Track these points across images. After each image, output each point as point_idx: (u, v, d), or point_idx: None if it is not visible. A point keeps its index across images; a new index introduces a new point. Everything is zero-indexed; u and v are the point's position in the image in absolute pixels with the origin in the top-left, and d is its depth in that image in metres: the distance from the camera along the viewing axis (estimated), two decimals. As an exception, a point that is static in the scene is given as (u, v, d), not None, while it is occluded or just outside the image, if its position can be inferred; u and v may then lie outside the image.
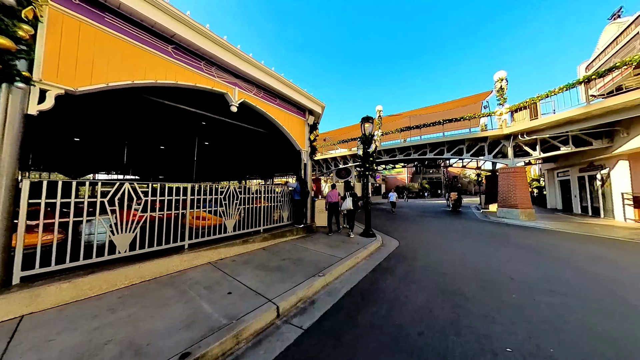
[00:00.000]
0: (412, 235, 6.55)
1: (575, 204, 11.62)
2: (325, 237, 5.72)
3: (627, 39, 8.86)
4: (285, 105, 5.80)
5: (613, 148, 8.00)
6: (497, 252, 4.59)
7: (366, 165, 6.01)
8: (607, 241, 5.53)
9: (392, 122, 14.36)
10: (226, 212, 4.13)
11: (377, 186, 33.84)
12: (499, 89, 9.49)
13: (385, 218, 10.70)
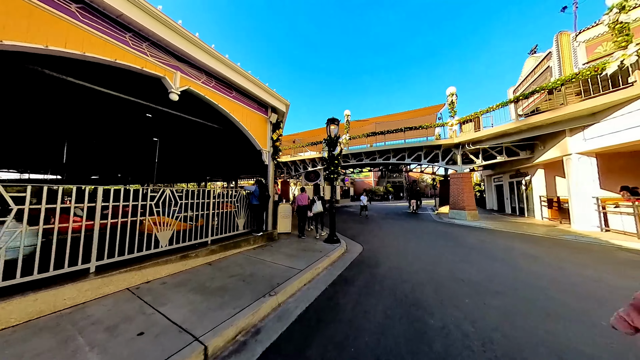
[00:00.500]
0: (375, 239, 6.58)
1: (507, 205, 13.65)
2: (287, 245, 5.27)
3: (541, 70, 10.83)
4: (243, 100, 5.21)
5: (533, 159, 9.59)
6: (448, 253, 4.83)
7: (331, 168, 5.81)
8: (532, 238, 6.43)
9: (359, 127, 14.79)
10: (159, 221, 3.35)
11: (346, 189, 34.71)
12: (450, 102, 10.56)
13: (352, 221, 10.76)
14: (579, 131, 7.09)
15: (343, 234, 7.39)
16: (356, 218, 12.10)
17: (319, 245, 5.33)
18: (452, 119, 10.40)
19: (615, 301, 2.59)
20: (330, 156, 5.86)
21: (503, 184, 14.12)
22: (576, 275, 3.49)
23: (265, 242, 5.28)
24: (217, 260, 3.98)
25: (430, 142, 11.18)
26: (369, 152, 13.53)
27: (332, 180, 5.92)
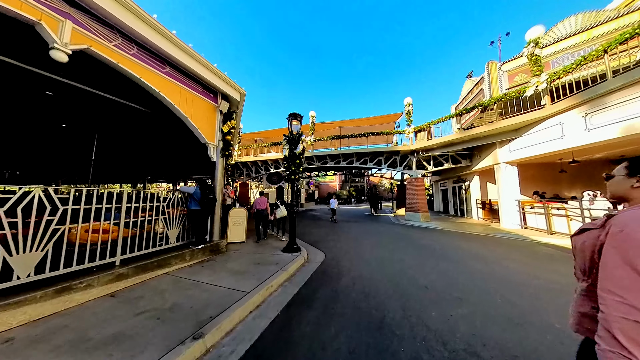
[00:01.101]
0: (338, 244, 6.24)
1: (450, 207, 15.47)
2: (236, 258, 4.40)
3: (476, 92, 12.73)
4: (183, 80, 4.19)
5: (472, 166, 11.03)
6: (409, 257, 4.81)
7: (292, 168, 5.23)
8: (474, 237, 7.15)
9: (324, 130, 14.68)
10: (16, 240, 2.16)
11: (310, 192, 34.44)
12: (407, 112, 11.36)
13: (316, 226, 10.32)
14: (506, 144, 8.36)
15: (305, 239, 6.85)
16: (320, 222, 11.74)
17: (276, 256, 4.64)
18: (409, 127, 11.16)
19: (555, 298, 2.76)
20: (292, 155, 5.28)
21: (447, 188, 15.99)
22: (518, 273, 3.77)
23: (208, 256, 4.30)
24: (127, 288, 2.89)
25: (390, 148, 11.77)
26: (334, 155, 13.48)
27: (294, 181, 5.34)
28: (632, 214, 0.77)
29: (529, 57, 7.07)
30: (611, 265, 0.75)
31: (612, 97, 5.00)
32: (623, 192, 0.89)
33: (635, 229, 0.73)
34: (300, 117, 5.31)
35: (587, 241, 0.86)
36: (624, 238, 0.74)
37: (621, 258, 0.73)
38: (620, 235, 0.75)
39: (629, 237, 0.73)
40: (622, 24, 7.98)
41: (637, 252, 0.70)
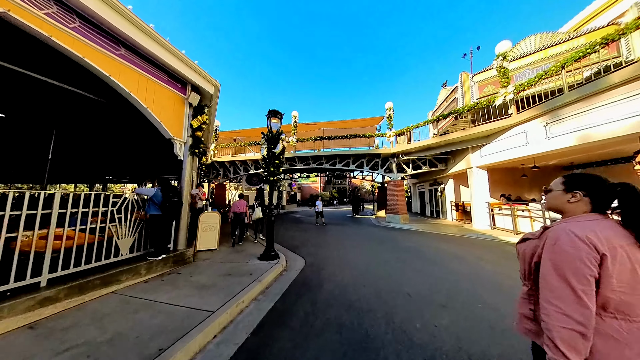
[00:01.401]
0: (320, 249, 6.00)
1: (427, 209, 16.17)
2: (204, 269, 3.92)
3: (451, 100, 13.51)
4: (143, 65, 3.65)
5: (447, 170, 11.61)
6: (392, 260, 4.74)
7: (271, 169, 4.88)
8: (451, 238, 7.42)
9: (307, 131, 14.43)
10: None
11: (292, 194, 33.86)
12: (388, 116, 11.62)
13: (297, 229, 9.98)
14: (477, 149, 8.89)
15: (285, 244, 6.49)
16: (301, 225, 11.40)
17: (251, 264, 4.24)
18: (390, 130, 11.41)
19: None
20: (271, 155, 4.93)
21: (425, 191, 16.72)
22: (494, 274, 3.86)
23: (170, 267, 3.75)
24: (56, 315, 2.32)
25: (372, 150, 11.91)
26: (316, 157, 13.28)
27: (273, 182, 4.99)
28: (564, 227, 0.83)
29: (497, 69, 7.60)
30: (548, 276, 0.80)
31: (568, 109, 5.51)
32: (560, 205, 0.95)
33: (567, 242, 0.78)
34: (281, 115, 5.00)
35: (527, 249, 0.93)
36: (557, 250, 0.79)
37: (555, 270, 0.78)
38: (554, 247, 0.81)
39: (561, 249, 0.78)
40: (572, 46, 8.98)
41: (567, 265, 0.76)
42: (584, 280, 0.74)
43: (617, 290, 0.75)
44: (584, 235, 0.78)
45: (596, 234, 0.78)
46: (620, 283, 0.75)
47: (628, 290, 0.75)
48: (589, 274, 0.74)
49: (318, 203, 11.46)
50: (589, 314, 0.72)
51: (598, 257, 0.76)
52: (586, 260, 0.75)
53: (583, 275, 0.74)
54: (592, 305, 0.73)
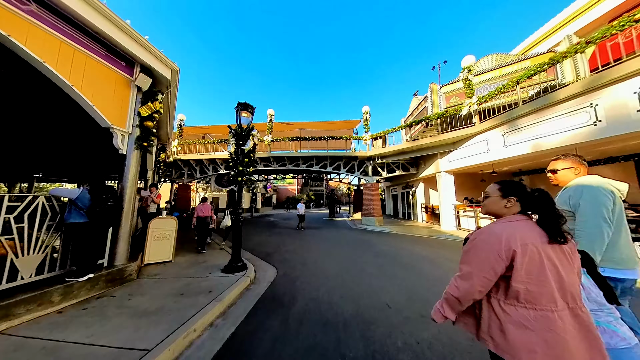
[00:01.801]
0: (294, 256, 5.57)
1: (400, 211, 16.87)
2: (150, 288, 3.21)
3: (421, 109, 14.37)
4: (70, 32, 2.85)
5: (418, 174, 12.21)
6: (368, 266, 4.57)
7: (240, 168, 4.33)
8: (422, 240, 7.66)
9: (283, 130, 13.88)
10: None
11: (268, 197, 32.59)
12: (365, 119, 11.78)
13: (270, 234, 9.35)
14: (445, 155, 9.45)
15: (256, 252, 5.91)
16: (276, 230, 10.78)
17: (213, 279, 3.63)
18: (367, 134, 11.56)
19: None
20: (239, 152, 4.38)
21: (397, 193, 17.44)
22: (465, 275, 3.92)
23: (101, 289, 2.96)
24: None
25: (350, 153, 11.92)
26: (293, 158, 12.81)
27: (241, 183, 4.44)
28: (489, 225, 0.98)
29: (463, 81, 8.20)
30: (462, 260, 0.99)
31: (523, 120, 6.10)
32: (498, 210, 1.04)
33: (482, 239, 0.94)
34: (252, 109, 4.50)
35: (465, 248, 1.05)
36: (475, 244, 0.95)
37: (467, 257, 0.97)
38: (474, 241, 0.96)
39: (476, 244, 0.94)
40: (520, 67, 10.21)
41: (475, 255, 0.94)
42: (482, 268, 0.90)
43: (525, 281, 0.85)
44: (499, 231, 0.91)
45: (513, 232, 0.90)
46: (528, 275, 0.85)
47: (535, 281, 0.85)
48: (487, 265, 0.90)
49: (300, 206, 10.49)
50: (472, 291, 0.92)
51: (510, 252, 0.87)
52: (491, 254, 0.89)
53: (482, 265, 0.90)
54: (479, 286, 0.91)
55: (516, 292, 0.86)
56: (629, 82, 4.22)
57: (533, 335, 0.81)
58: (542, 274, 0.84)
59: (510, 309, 0.87)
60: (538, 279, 0.84)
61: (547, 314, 0.83)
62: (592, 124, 4.68)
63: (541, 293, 0.84)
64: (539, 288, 0.84)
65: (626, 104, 4.22)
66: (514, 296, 0.86)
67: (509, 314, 0.86)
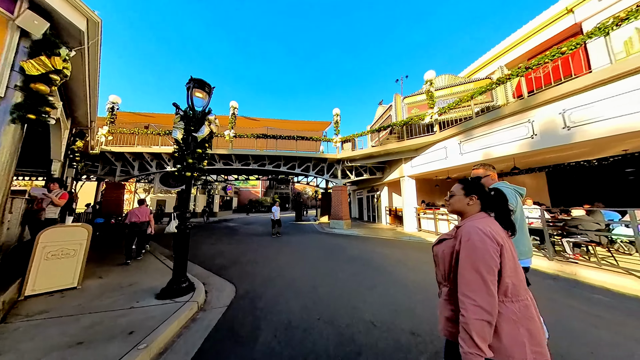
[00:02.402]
0: (256, 266, 4.77)
1: (365, 214, 17.39)
2: (21, 338, 2.03)
3: (386, 117, 15.23)
4: None
5: (383, 178, 12.73)
6: (344, 276, 4.16)
7: (189, 161, 3.38)
8: (390, 242, 7.77)
9: (248, 126, 12.67)
10: None
11: (228, 199, 29.71)
12: (335, 121, 11.70)
13: (229, 242, 8.13)
14: (409, 160, 10.03)
15: (209, 265, 4.85)
16: (236, 237, 9.53)
17: (138, 310, 2.61)
18: (337, 136, 11.46)
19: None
20: (190, 140, 3.45)
21: (363, 197, 17.98)
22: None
23: None
24: None
25: (320, 154, 11.61)
26: (258, 157, 11.75)
27: (190, 180, 3.48)
28: (471, 224, 0.96)
29: (426, 93, 8.87)
30: (464, 271, 0.88)
31: (476, 130, 6.81)
32: (462, 207, 1.09)
33: (477, 239, 0.90)
34: (210, 88, 3.63)
35: (445, 250, 1.01)
36: (470, 246, 0.90)
37: (470, 265, 0.87)
38: (467, 244, 0.91)
39: (474, 245, 0.90)
40: (466, 88, 11.80)
41: (479, 258, 0.87)
42: (491, 271, 0.85)
43: (511, 275, 0.87)
44: (487, 230, 0.92)
45: (492, 228, 0.94)
46: (511, 268, 0.88)
47: (514, 274, 0.88)
48: (494, 265, 0.86)
49: (275, 209, 9.27)
50: (495, 302, 0.82)
51: (499, 247, 0.89)
52: (492, 252, 0.87)
53: (490, 267, 0.85)
54: (496, 293, 0.84)
55: (505, 288, 0.86)
56: (555, 104, 5.04)
57: (520, 328, 0.82)
58: (516, 265, 0.90)
59: (501, 307, 0.85)
60: (516, 270, 0.88)
61: (526, 303, 0.87)
62: (530, 137, 5.44)
63: (519, 284, 0.88)
64: (518, 280, 0.88)
65: (555, 122, 5.01)
66: (503, 292, 0.86)
67: (501, 312, 0.84)
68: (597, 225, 4.26)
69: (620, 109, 4.12)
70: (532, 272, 4.17)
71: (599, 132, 4.40)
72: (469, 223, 0.97)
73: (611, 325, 2.36)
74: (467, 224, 0.97)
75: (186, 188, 3.49)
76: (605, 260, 4.33)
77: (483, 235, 0.89)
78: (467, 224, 0.97)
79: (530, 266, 1.80)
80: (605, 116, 4.30)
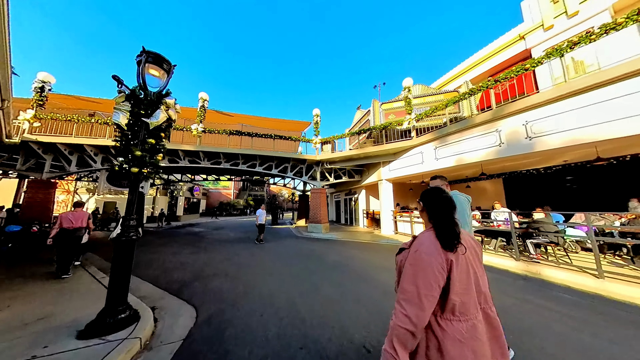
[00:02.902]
0: (224, 281, 4.10)
1: (342, 217, 17.37)
2: None
3: (364, 121, 15.51)
4: None
5: (361, 181, 12.82)
6: (327, 287, 3.78)
7: (136, 153, 2.66)
8: (370, 246, 7.68)
9: (220, 121, 11.57)
10: None
11: (194, 201, 27.07)
12: (315, 122, 11.41)
13: (191, 250, 7.11)
14: (387, 164, 10.21)
15: (163, 283, 4.00)
16: (200, 244, 8.46)
17: (51, 358, 1.83)
18: (317, 137, 11.15)
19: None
20: (138, 125, 2.72)
21: (340, 200, 17.97)
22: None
23: None
24: None
25: (299, 155, 11.12)
26: (231, 155, 10.76)
27: (137, 178, 2.75)
28: (424, 236, 0.93)
29: (404, 99, 9.15)
30: (405, 280, 0.86)
31: (450, 137, 7.15)
32: (420, 214, 1.08)
33: (424, 251, 0.87)
34: (169, 65, 2.96)
35: (403, 260, 0.96)
36: (416, 257, 0.87)
37: (411, 275, 0.85)
38: (415, 254, 0.88)
39: (419, 256, 0.87)
40: (437, 99, 12.63)
41: (420, 271, 0.84)
42: (429, 286, 0.81)
43: (461, 293, 0.83)
44: (437, 243, 0.87)
45: None
46: (461, 285, 0.83)
47: (464, 291, 0.83)
48: (434, 281, 0.82)
49: (260, 212, 8.19)
50: (424, 316, 0.80)
51: (446, 263, 0.84)
52: (435, 268, 0.83)
53: (429, 282, 0.81)
54: (429, 308, 0.81)
55: (453, 306, 0.82)
56: (519, 116, 5.49)
57: (465, 348, 0.79)
58: (469, 282, 0.85)
59: (447, 325, 0.82)
60: (467, 288, 0.84)
61: (474, 322, 0.83)
62: (498, 145, 5.84)
63: (469, 302, 0.84)
64: (468, 297, 0.84)
65: (518, 132, 5.45)
66: (450, 310, 0.83)
67: (446, 330, 0.81)
68: (555, 227, 4.66)
69: (571, 123, 4.63)
70: (504, 273, 4.36)
71: (555, 142, 4.87)
72: (425, 233, 0.94)
73: (586, 326, 2.42)
74: (423, 234, 0.95)
75: (132, 188, 2.74)
76: (562, 259, 4.77)
77: (431, 248, 0.86)
78: (422, 234, 0.95)
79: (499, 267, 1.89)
80: (559, 129, 4.79)
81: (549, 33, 8.43)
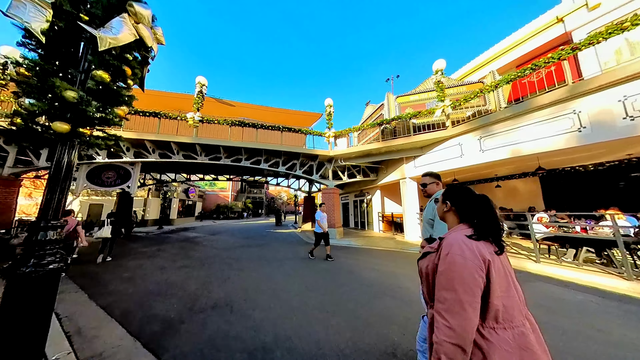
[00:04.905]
0: (227, 314, 2.72)
1: (351, 220, 16.02)
2: None
3: (377, 115, 14.35)
4: None
5: (377, 181, 11.54)
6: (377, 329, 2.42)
7: (65, 95, 1.31)
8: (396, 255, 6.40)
9: (220, 111, 10.26)
10: None
11: (190, 204, 25.43)
12: (328, 113, 10.16)
13: (183, 263, 5.67)
14: (412, 160, 8.96)
15: (141, 317, 2.57)
16: (194, 254, 7.01)
17: None
18: (330, 130, 9.89)
19: None
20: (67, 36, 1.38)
21: (349, 201, 16.64)
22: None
23: None
24: None
25: (310, 150, 9.82)
26: (232, 149, 9.41)
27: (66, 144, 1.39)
28: (453, 237, 0.84)
29: (435, 84, 7.97)
30: (440, 287, 0.77)
31: (496, 127, 5.95)
32: (441, 214, 1.01)
33: (457, 253, 0.78)
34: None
35: (429, 265, 0.88)
36: (449, 261, 0.78)
37: (447, 281, 0.76)
38: (446, 258, 0.79)
39: (452, 259, 0.77)
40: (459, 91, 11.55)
41: (457, 275, 0.75)
42: (470, 291, 0.73)
43: (502, 296, 0.75)
44: (471, 243, 0.79)
45: (478, 241, 0.80)
46: (501, 288, 0.75)
47: (505, 294, 0.76)
48: (474, 285, 0.73)
49: (320, 216, 5.84)
50: (469, 326, 0.71)
51: (484, 264, 0.76)
52: (473, 270, 0.74)
53: (469, 286, 0.73)
54: (475, 317, 0.72)
55: (496, 311, 0.74)
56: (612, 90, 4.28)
57: (513, 358, 0.70)
58: (508, 284, 0.78)
59: (491, 334, 0.73)
60: (507, 290, 0.76)
61: (521, 330, 0.75)
62: (577, 130, 4.62)
63: (513, 307, 0.76)
64: (511, 302, 0.76)
65: (612, 111, 4.24)
66: (494, 317, 0.74)
67: (491, 341, 0.72)
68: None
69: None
70: (594, 292, 3.06)
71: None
72: (452, 234, 0.86)
73: None
74: (451, 235, 0.86)
75: (56, 168, 1.38)
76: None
77: (465, 249, 0.77)
78: (450, 236, 0.86)
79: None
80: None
81: (595, 13, 7.37)
